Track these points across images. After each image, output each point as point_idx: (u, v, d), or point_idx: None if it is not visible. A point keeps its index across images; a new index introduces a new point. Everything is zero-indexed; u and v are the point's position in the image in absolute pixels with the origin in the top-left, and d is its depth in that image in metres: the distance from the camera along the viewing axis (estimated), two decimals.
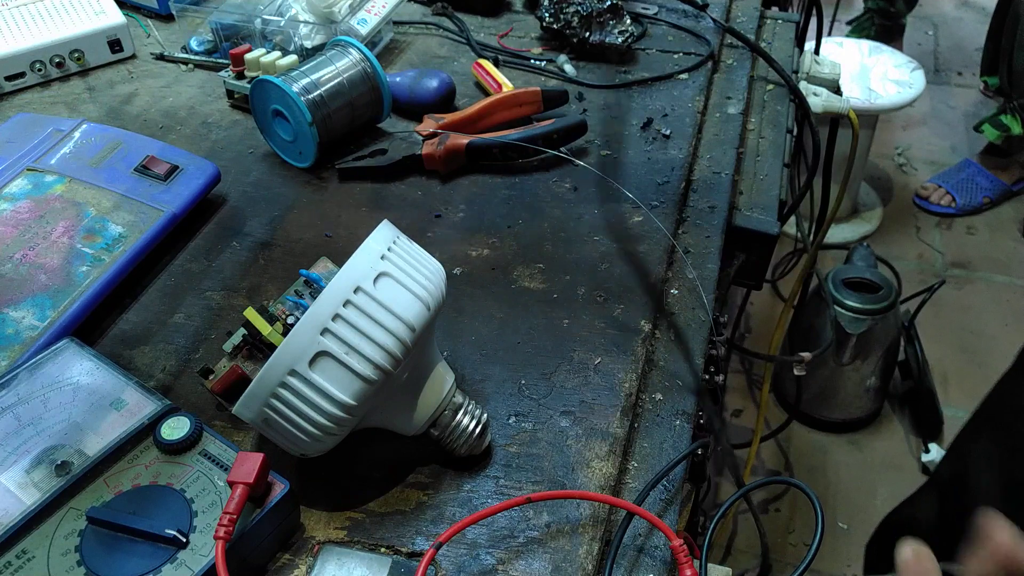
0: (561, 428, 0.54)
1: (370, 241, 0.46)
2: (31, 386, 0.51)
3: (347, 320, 0.43)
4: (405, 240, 0.49)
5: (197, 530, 0.44)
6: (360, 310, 0.43)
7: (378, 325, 0.44)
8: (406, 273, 0.46)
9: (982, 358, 1.86)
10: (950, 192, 2.23)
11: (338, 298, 0.43)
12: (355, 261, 0.45)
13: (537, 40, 0.96)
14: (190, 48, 0.93)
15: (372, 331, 0.43)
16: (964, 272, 2.07)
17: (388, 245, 0.46)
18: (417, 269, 0.47)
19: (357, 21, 0.88)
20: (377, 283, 0.44)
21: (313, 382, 0.43)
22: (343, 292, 0.43)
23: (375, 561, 0.47)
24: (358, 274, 0.44)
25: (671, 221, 0.70)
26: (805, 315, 1.61)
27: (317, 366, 0.43)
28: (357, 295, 0.44)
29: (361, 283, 0.44)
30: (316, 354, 0.43)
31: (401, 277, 0.46)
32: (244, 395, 0.44)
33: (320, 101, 0.73)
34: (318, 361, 0.43)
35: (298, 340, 0.43)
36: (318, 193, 0.75)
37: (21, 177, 0.69)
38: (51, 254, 0.63)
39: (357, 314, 0.43)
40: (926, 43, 2.83)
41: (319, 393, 0.43)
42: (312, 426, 0.44)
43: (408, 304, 0.45)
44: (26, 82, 0.88)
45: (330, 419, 0.44)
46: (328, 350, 0.43)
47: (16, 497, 0.45)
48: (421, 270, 0.47)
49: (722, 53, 0.95)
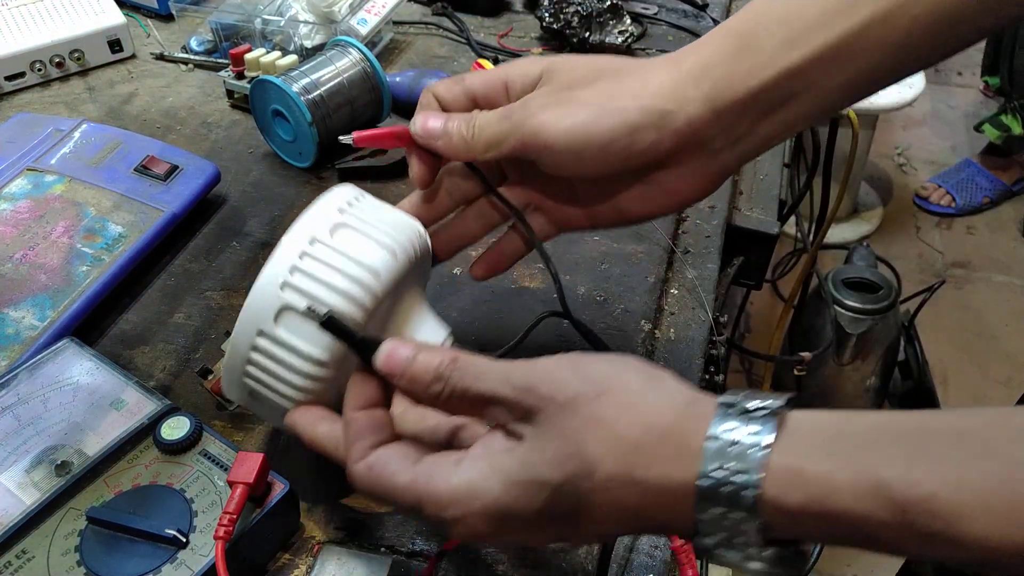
0: None
1: (327, 195, 0.45)
2: (31, 386, 0.51)
3: (305, 272, 0.41)
4: (370, 198, 0.47)
5: (197, 530, 0.44)
6: (318, 260, 0.42)
7: (338, 272, 0.42)
8: (368, 223, 0.44)
9: (982, 358, 1.86)
10: (950, 192, 2.23)
11: (294, 250, 0.42)
12: (310, 212, 0.43)
13: (537, 40, 0.96)
14: (190, 48, 0.93)
15: (333, 279, 0.41)
16: (964, 272, 2.07)
17: (348, 200, 0.45)
18: (382, 220, 0.45)
19: (357, 21, 0.88)
20: (335, 234, 0.43)
21: (281, 340, 0.41)
22: (299, 244, 0.42)
23: (375, 561, 0.47)
24: (314, 225, 0.43)
25: (671, 221, 0.70)
26: (805, 315, 1.61)
27: (282, 322, 0.41)
28: (313, 246, 0.42)
29: (316, 234, 0.42)
30: (279, 310, 0.41)
31: (361, 227, 0.44)
32: (223, 368, 0.43)
33: (320, 101, 0.73)
34: (282, 317, 0.41)
35: (259, 298, 0.41)
36: (318, 193, 0.75)
37: (21, 177, 0.69)
38: (51, 254, 0.63)
39: (315, 264, 0.42)
40: None
41: (289, 351, 0.41)
42: (292, 388, 0.42)
43: (370, 251, 0.43)
44: (26, 82, 0.88)
45: (306, 377, 0.42)
46: (290, 304, 0.41)
47: (16, 497, 0.45)
48: (386, 221, 0.45)
49: None
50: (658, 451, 0.33)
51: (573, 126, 0.42)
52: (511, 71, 0.46)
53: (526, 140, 0.43)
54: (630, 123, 0.42)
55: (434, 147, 0.46)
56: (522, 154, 0.44)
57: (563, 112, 0.43)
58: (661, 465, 0.33)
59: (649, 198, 0.46)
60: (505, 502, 0.34)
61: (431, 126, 0.46)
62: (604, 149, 0.42)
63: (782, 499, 0.31)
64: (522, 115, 0.43)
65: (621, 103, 0.42)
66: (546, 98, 0.44)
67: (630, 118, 0.42)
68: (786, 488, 0.31)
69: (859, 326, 1.54)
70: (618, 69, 0.44)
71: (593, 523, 0.35)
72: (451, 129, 0.45)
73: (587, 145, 0.42)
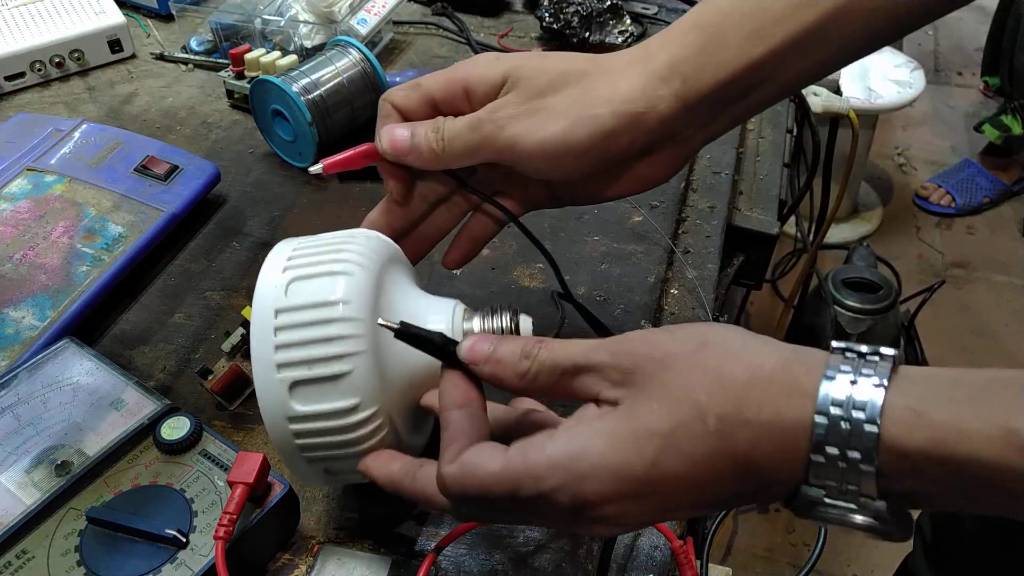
0: None
1: (268, 260, 0.44)
2: (31, 386, 0.51)
3: (288, 344, 0.40)
4: (307, 239, 0.46)
5: (197, 530, 0.44)
6: (291, 326, 0.41)
7: (314, 325, 0.41)
8: (313, 264, 0.43)
9: (982, 358, 1.86)
10: (950, 192, 2.23)
11: (267, 333, 0.41)
12: (259, 286, 0.42)
13: (537, 40, 0.96)
14: (190, 48, 0.93)
15: (313, 333, 0.41)
16: (964, 272, 2.07)
17: (288, 256, 0.44)
18: (323, 251, 0.44)
19: (357, 21, 0.88)
20: (290, 292, 0.42)
21: (311, 414, 0.41)
22: (267, 324, 0.41)
23: (375, 561, 0.47)
24: (267, 300, 0.42)
25: (671, 221, 0.70)
26: (805, 315, 1.61)
27: (299, 398, 0.40)
28: (279, 317, 0.41)
29: (276, 304, 0.41)
30: (289, 389, 0.40)
31: (309, 271, 0.42)
32: (286, 463, 0.42)
33: (320, 101, 0.73)
34: (296, 393, 0.40)
35: (266, 391, 0.41)
36: (318, 193, 0.75)
37: (21, 177, 0.69)
38: (51, 254, 0.63)
39: (291, 332, 0.41)
40: (926, 43, 2.83)
41: (323, 418, 0.41)
42: (351, 446, 0.41)
43: (327, 286, 0.41)
44: (26, 82, 0.88)
45: (354, 427, 0.41)
46: (295, 379, 0.40)
47: (16, 497, 0.45)
48: (327, 250, 0.44)
49: None
50: (769, 390, 0.31)
51: (548, 137, 0.43)
52: (471, 73, 0.45)
53: (501, 152, 0.44)
54: (606, 130, 0.42)
55: (405, 162, 0.46)
56: (497, 162, 0.45)
57: (536, 123, 0.43)
58: (773, 404, 0.31)
59: (619, 184, 0.47)
60: (613, 460, 0.33)
61: (398, 141, 0.45)
62: (582, 156, 0.43)
63: (904, 440, 0.29)
64: (493, 127, 0.43)
65: (594, 110, 0.42)
66: (516, 107, 0.44)
67: (605, 125, 0.42)
68: (909, 429, 0.29)
69: (859, 326, 1.54)
70: (585, 71, 0.44)
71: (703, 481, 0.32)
72: (419, 142, 0.45)
73: (565, 153, 0.43)
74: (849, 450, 0.30)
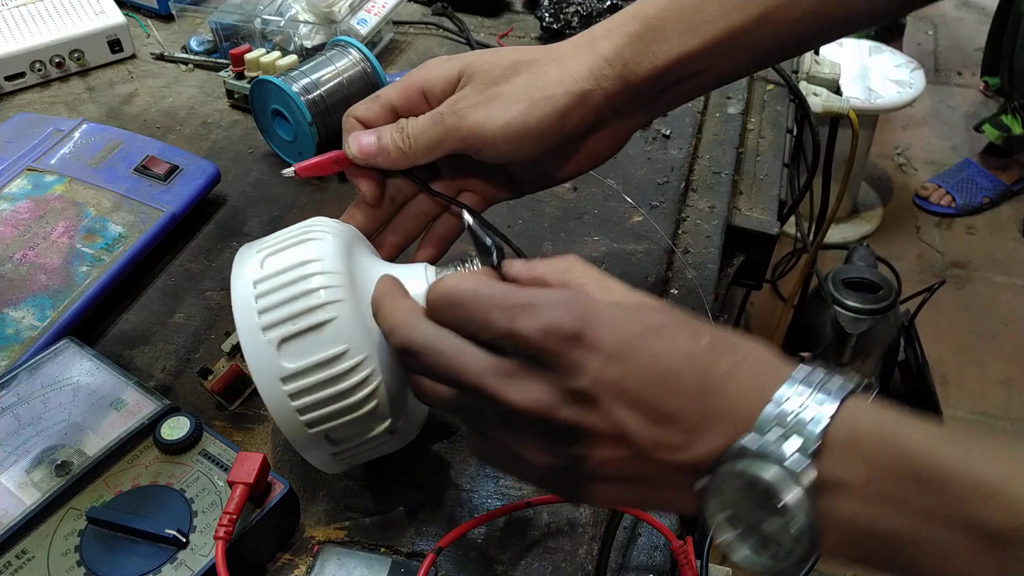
0: None
1: (238, 255, 0.45)
2: (31, 386, 0.51)
3: (269, 306, 0.41)
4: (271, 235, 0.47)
5: (197, 530, 0.44)
6: (271, 291, 0.42)
7: (293, 283, 0.42)
8: (283, 241, 0.45)
9: (982, 358, 1.86)
10: (950, 192, 2.23)
11: (248, 303, 0.42)
12: (235, 275, 0.44)
13: (537, 40, 0.96)
14: (190, 48, 0.93)
15: (293, 290, 0.42)
16: (964, 272, 2.07)
17: (257, 246, 0.45)
18: (292, 232, 0.45)
19: (357, 21, 0.88)
20: (264, 265, 0.43)
21: (302, 368, 0.41)
22: (247, 296, 0.42)
23: (375, 561, 0.47)
24: (245, 278, 0.43)
25: (671, 221, 0.70)
26: (805, 315, 1.61)
27: (288, 355, 0.41)
28: (258, 287, 0.42)
29: (253, 277, 0.43)
30: (278, 348, 0.41)
31: (280, 246, 0.44)
32: (287, 434, 0.42)
33: (320, 101, 0.73)
34: (285, 351, 0.41)
35: (256, 356, 0.41)
36: (318, 193, 0.75)
37: (21, 177, 0.69)
38: (51, 254, 0.63)
39: (271, 296, 0.42)
40: (926, 43, 2.83)
41: (316, 370, 0.41)
42: (350, 398, 0.41)
43: (300, 251, 0.43)
44: (26, 82, 0.88)
45: (347, 376, 0.41)
46: (282, 336, 0.41)
47: (16, 497, 0.45)
48: (293, 230, 0.45)
49: None
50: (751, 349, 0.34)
51: (510, 121, 0.46)
52: (426, 76, 0.49)
53: (466, 139, 0.47)
54: (560, 108, 0.46)
55: (374, 164, 0.49)
56: (460, 151, 0.48)
57: (495, 109, 0.46)
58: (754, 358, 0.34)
59: (573, 161, 0.52)
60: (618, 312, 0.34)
61: (366, 145, 0.49)
62: (540, 136, 0.47)
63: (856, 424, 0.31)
64: (455, 118, 0.47)
65: (548, 91, 0.46)
66: (474, 98, 0.47)
67: (559, 104, 0.46)
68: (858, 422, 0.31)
69: (859, 326, 1.54)
70: (535, 59, 0.48)
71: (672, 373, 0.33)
72: (386, 144, 0.48)
73: (525, 134, 0.46)
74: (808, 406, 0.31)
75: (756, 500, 0.31)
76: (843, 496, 0.30)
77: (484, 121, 0.46)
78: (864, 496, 0.30)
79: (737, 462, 0.31)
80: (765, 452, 0.30)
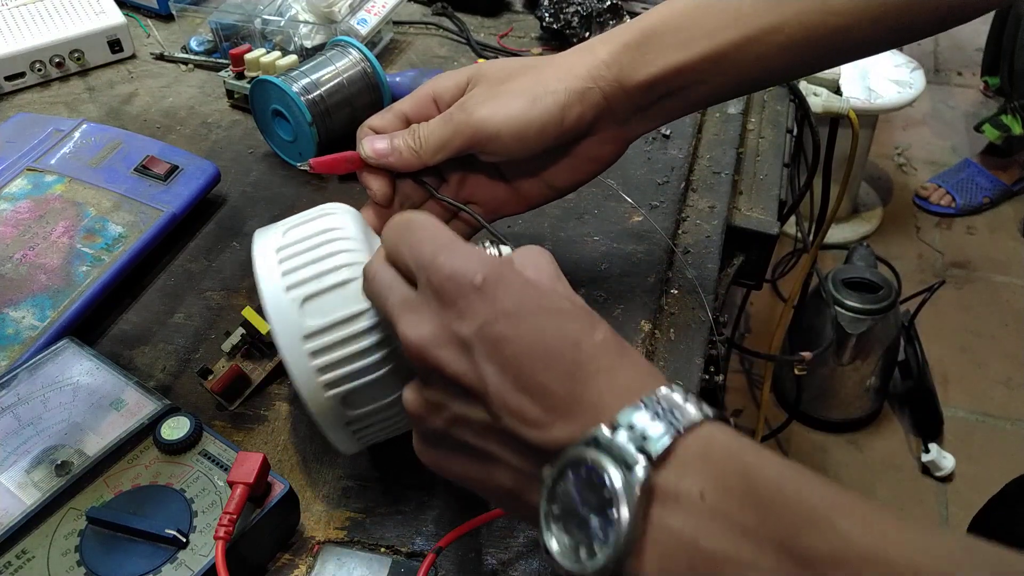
0: None
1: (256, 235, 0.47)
2: (31, 386, 0.51)
3: (294, 268, 0.43)
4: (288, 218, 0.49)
5: (197, 530, 0.44)
6: (295, 254, 0.44)
7: (316, 247, 0.44)
8: (302, 218, 0.47)
9: (982, 358, 1.86)
10: (950, 192, 2.23)
11: (272, 267, 0.44)
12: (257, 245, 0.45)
13: (537, 40, 0.96)
14: (190, 48, 0.93)
15: (317, 253, 0.44)
16: (964, 272, 2.07)
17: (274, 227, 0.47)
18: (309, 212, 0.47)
19: (357, 21, 0.88)
20: (286, 235, 0.45)
21: (324, 326, 0.42)
22: (271, 262, 0.44)
23: (375, 561, 0.47)
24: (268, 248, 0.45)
25: (671, 221, 0.70)
26: (805, 315, 1.61)
27: (311, 313, 0.42)
28: (280, 252, 0.44)
29: (275, 245, 0.45)
30: (301, 306, 0.42)
31: (299, 221, 0.47)
32: (308, 405, 0.43)
33: (320, 101, 0.73)
34: (307, 309, 0.42)
35: (279, 314, 0.42)
36: (318, 193, 0.75)
37: (21, 177, 0.69)
38: (51, 254, 0.63)
39: (295, 258, 0.44)
40: (926, 43, 2.83)
41: (337, 327, 0.42)
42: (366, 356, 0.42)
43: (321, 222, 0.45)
44: (26, 82, 0.88)
45: (366, 335, 0.42)
46: (305, 295, 0.42)
47: (16, 497, 0.45)
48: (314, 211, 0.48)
49: None
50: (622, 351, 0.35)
51: (513, 113, 0.49)
52: (437, 85, 0.52)
53: (474, 134, 0.49)
54: (560, 102, 0.49)
55: (387, 164, 0.51)
56: (469, 148, 0.50)
57: (501, 103, 0.49)
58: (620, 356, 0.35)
59: (573, 168, 0.53)
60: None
61: (379, 147, 0.51)
62: (542, 128, 0.49)
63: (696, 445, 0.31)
64: (462, 115, 0.49)
65: (550, 87, 0.49)
66: (481, 96, 0.50)
67: (560, 98, 0.49)
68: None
69: (859, 326, 1.54)
70: (538, 63, 0.51)
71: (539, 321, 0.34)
72: (399, 145, 0.51)
73: (528, 126, 0.49)
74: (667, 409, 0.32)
75: (590, 491, 0.31)
76: (675, 508, 0.30)
77: (489, 115, 0.49)
78: (696, 510, 0.30)
79: (585, 449, 0.31)
80: (613, 447, 0.31)
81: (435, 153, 0.50)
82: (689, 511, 0.30)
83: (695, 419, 0.31)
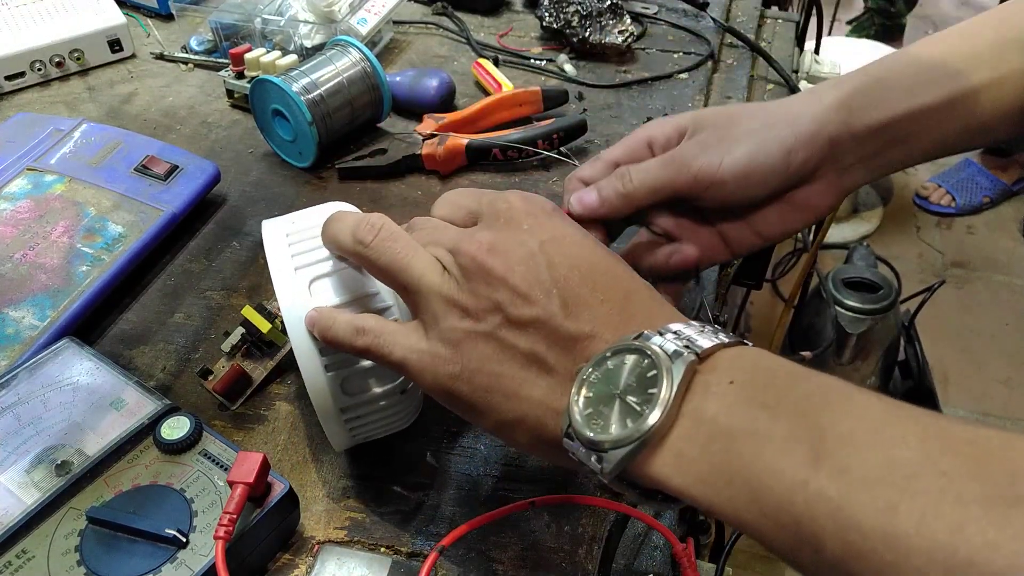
0: None
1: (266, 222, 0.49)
2: (31, 386, 0.51)
3: (304, 251, 0.45)
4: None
5: (197, 530, 0.44)
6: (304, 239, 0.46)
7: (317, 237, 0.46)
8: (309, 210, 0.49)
9: (982, 358, 1.86)
10: (950, 192, 2.23)
11: (281, 248, 0.45)
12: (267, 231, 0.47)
13: (537, 40, 0.96)
14: (190, 48, 0.93)
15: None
16: (964, 272, 2.07)
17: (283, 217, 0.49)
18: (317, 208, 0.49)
19: (357, 21, 0.88)
20: (296, 222, 0.47)
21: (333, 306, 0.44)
22: (280, 244, 0.46)
23: (375, 561, 0.47)
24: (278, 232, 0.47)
25: None
26: (805, 315, 1.61)
27: (318, 291, 0.44)
28: (290, 236, 0.46)
29: (285, 231, 0.47)
30: (309, 285, 0.44)
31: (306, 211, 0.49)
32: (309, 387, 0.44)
33: (320, 101, 0.73)
34: (315, 287, 0.44)
35: (286, 293, 0.44)
36: (318, 193, 0.75)
37: (21, 177, 0.69)
38: (51, 254, 0.63)
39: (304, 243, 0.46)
40: None
41: (344, 308, 0.44)
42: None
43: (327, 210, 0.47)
44: (26, 82, 0.88)
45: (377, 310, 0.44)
46: (314, 275, 0.44)
47: (16, 497, 0.45)
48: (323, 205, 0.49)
49: (722, 53, 0.95)
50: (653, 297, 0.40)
51: (739, 158, 0.48)
52: (652, 130, 0.51)
53: (695, 178, 0.48)
54: (787, 146, 0.48)
55: (597, 216, 0.50)
56: (687, 192, 0.49)
57: (724, 149, 0.48)
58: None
59: (784, 216, 0.51)
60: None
61: (587, 201, 0.50)
62: (767, 175, 0.48)
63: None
64: (682, 159, 0.49)
65: (776, 131, 0.48)
66: (703, 144, 0.49)
67: (786, 142, 0.48)
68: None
69: (859, 326, 1.54)
70: (760, 107, 0.50)
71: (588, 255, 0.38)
72: (608, 196, 0.50)
73: (754, 171, 0.48)
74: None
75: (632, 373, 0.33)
76: (704, 394, 0.32)
77: (712, 162, 0.48)
78: (721, 392, 0.32)
79: (634, 340, 0.34)
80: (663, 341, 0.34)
81: (649, 194, 0.49)
82: (715, 395, 0.32)
83: (734, 340, 0.34)
